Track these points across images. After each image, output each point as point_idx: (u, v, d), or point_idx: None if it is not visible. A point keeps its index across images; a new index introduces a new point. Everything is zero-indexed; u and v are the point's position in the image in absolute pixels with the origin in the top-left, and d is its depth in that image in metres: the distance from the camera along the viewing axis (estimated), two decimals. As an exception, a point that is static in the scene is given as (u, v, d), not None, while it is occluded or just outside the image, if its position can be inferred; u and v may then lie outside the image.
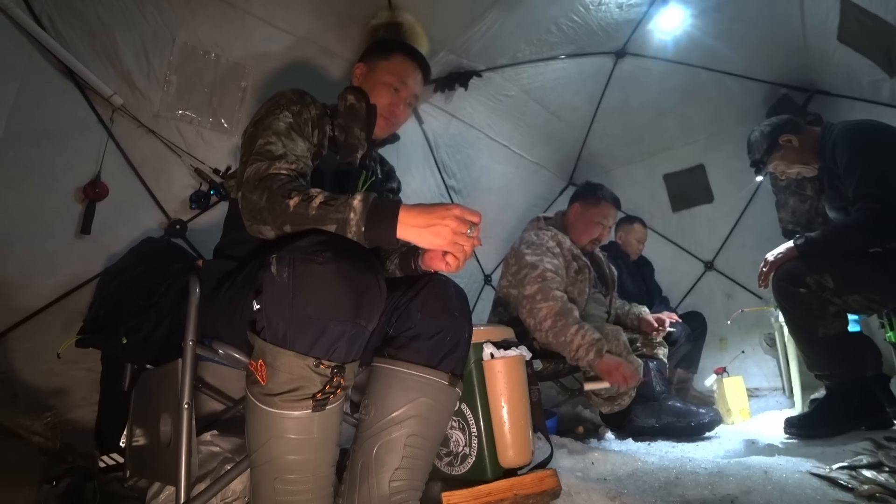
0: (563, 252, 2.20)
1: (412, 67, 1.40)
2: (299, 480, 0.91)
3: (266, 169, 1.05)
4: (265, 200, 1.00)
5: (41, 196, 1.64)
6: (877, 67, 2.09)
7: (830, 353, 1.78)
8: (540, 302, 1.97)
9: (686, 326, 2.70)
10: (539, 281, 2.02)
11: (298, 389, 0.88)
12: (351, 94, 1.35)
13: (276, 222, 0.99)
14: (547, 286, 2.00)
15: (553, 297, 1.96)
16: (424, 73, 1.43)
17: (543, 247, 2.15)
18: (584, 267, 2.25)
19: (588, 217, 2.32)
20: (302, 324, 0.88)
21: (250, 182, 1.05)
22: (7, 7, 1.47)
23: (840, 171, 1.82)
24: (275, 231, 1.01)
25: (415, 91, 1.41)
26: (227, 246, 1.28)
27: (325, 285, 0.88)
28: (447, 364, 1.10)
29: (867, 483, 1.22)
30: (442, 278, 1.18)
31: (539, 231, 2.27)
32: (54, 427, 1.34)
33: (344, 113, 1.34)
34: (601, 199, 2.34)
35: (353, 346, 0.92)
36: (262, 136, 1.12)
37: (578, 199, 2.38)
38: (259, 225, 1.02)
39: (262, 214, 1.01)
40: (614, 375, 1.88)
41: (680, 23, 2.64)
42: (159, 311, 1.12)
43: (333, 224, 0.95)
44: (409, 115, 1.46)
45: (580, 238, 2.32)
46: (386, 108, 1.36)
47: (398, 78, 1.37)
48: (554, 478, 1.21)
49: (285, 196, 0.98)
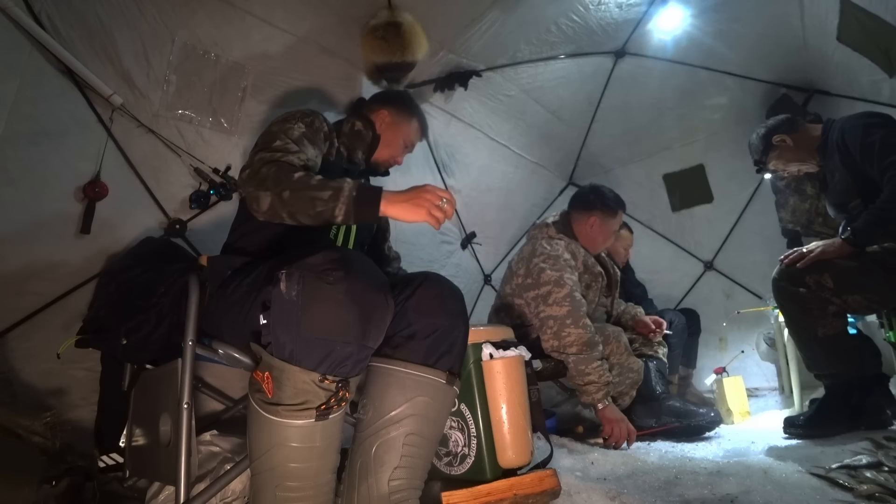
0: (577, 263, 2.19)
1: (422, 134, 1.73)
2: (301, 488, 0.91)
3: (280, 157, 1.18)
4: (273, 171, 1.12)
5: (41, 196, 1.64)
6: (876, 67, 2.09)
7: (830, 353, 1.78)
8: (570, 326, 1.95)
9: (681, 315, 2.71)
10: (568, 303, 1.98)
11: (303, 402, 0.89)
12: (359, 120, 1.58)
13: (277, 188, 1.09)
14: (577, 311, 1.98)
15: (584, 326, 1.95)
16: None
17: (561, 259, 2.12)
18: (599, 276, 2.25)
19: (608, 228, 2.31)
20: (309, 344, 0.88)
21: (262, 160, 1.15)
22: (6, 6, 1.47)
23: (856, 155, 1.78)
24: (271, 197, 1.09)
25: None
26: (238, 239, 1.32)
27: (335, 307, 0.89)
28: (444, 362, 1.10)
29: (867, 483, 1.22)
30: (437, 277, 1.18)
31: (552, 241, 2.23)
32: (54, 427, 1.33)
33: (349, 134, 1.55)
34: (618, 209, 2.33)
35: (359, 364, 0.94)
36: (279, 137, 1.23)
37: (594, 210, 2.30)
38: (259, 190, 1.10)
39: (266, 182, 1.10)
40: (613, 429, 1.87)
41: (679, 23, 2.64)
42: (159, 311, 1.12)
43: (329, 191, 1.07)
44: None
45: (596, 247, 2.32)
46: (394, 157, 1.66)
47: (412, 142, 1.70)
48: (554, 477, 1.21)
49: (292, 171, 1.12)
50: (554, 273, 2.06)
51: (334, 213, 1.08)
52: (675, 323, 2.62)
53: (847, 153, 1.83)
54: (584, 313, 1.99)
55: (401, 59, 2.11)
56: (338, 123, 1.57)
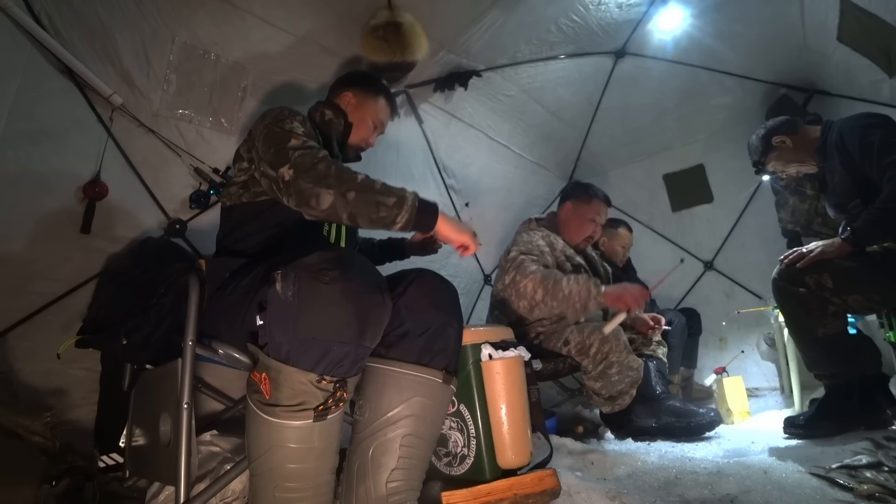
0: (555, 253, 2.20)
1: (391, 111, 1.66)
2: (299, 488, 0.91)
3: (322, 153, 1.13)
4: (334, 170, 1.08)
5: (40, 195, 1.64)
6: (876, 67, 2.09)
7: (830, 352, 1.78)
8: (521, 281, 1.99)
9: (681, 315, 2.70)
10: (515, 267, 2.05)
11: (301, 403, 0.89)
12: (329, 109, 1.51)
13: (342, 188, 1.06)
14: (523, 266, 2.03)
15: (531, 272, 1.99)
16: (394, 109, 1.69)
17: (531, 244, 2.16)
18: (580, 267, 2.25)
19: (581, 215, 2.32)
20: (305, 344, 0.88)
21: (312, 156, 1.11)
22: (6, 6, 1.47)
23: (855, 155, 1.79)
24: (334, 196, 1.06)
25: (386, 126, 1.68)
26: (234, 243, 1.29)
27: (331, 306, 0.89)
28: (439, 361, 1.10)
29: (866, 483, 1.22)
30: (429, 274, 1.17)
31: (530, 232, 2.27)
32: (54, 427, 1.33)
33: (321, 124, 1.48)
34: (592, 196, 2.34)
35: (356, 363, 0.93)
36: (293, 136, 1.18)
37: (570, 197, 2.39)
38: (319, 187, 1.06)
39: (328, 180, 1.07)
40: (624, 299, 1.89)
41: (680, 23, 2.64)
42: (159, 311, 1.12)
43: (394, 198, 1.07)
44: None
45: (573, 237, 2.32)
46: (365, 140, 1.59)
47: (382, 121, 1.62)
48: (553, 477, 1.21)
49: (350, 171, 1.10)
50: (516, 254, 2.12)
51: (395, 220, 1.08)
52: (676, 323, 2.62)
53: (846, 154, 1.83)
54: (531, 269, 2.02)
55: (401, 59, 2.12)
56: (308, 114, 1.53)
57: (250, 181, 1.29)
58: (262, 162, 1.18)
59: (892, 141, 1.72)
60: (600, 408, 2.15)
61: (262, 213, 1.27)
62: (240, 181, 1.31)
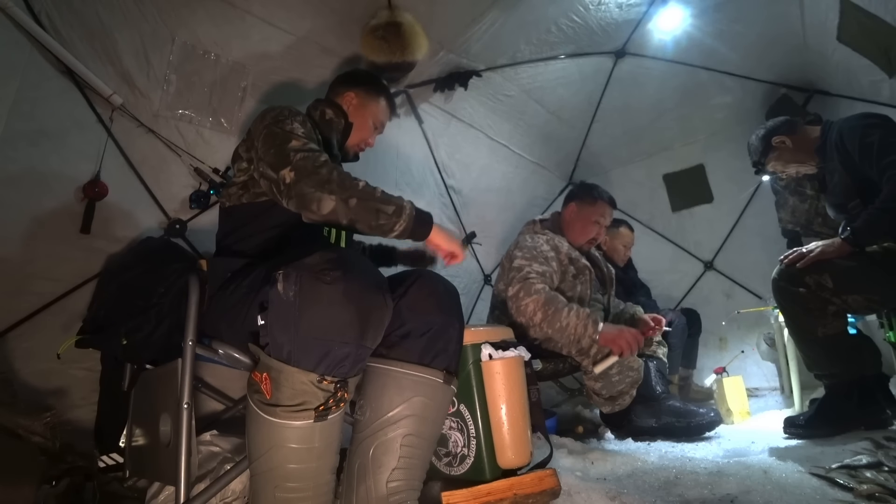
0: (559, 256, 2.19)
1: (391, 111, 1.67)
2: (300, 488, 0.91)
3: (323, 157, 1.15)
4: (336, 175, 1.10)
5: (40, 195, 1.64)
6: (876, 67, 2.09)
7: (830, 352, 1.78)
8: (524, 299, 1.97)
9: (681, 315, 2.70)
10: (521, 281, 2.02)
11: (302, 403, 0.89)
12: (329, 108, 1.51)
13: (344, 194, 1.08)
14: (529, 283, 2.00)
15: (535, 291, 1.97)
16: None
17: (536, 250, 2.14)
18: (585, 269, 2.25)
19: (585, 216, 2.32)
20: (307, 344, 0.88)
21: (314, 159, 1.12)
22: (6, 6, 1.47)
23: (855, 155, 1.79)
24: (336, 201, 1.07)
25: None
26: (234, 243, 1.29)
27: (332, 307, 0.89)
28: (440, 361, 1.10)
29: (866, 483, 1.22)
30: (430, 275, 1.18)
31: (535, 235, 2.26)
32: (54, 427, 1.33)
33: (321, 123, 1.47)
34: (597, 198, 2.33)
35: (358, 364, 0.93)
36: (294, 137, 1.18)
37: (574, 199, 2.38)
38: (322, 192, 1.08)
39: (331, 185, 1.08)
40: (618, 343, 1.88)
41: (680, 23, 2.64)
42: (159, 311, 1.12)
43: (393, 206, 1.11)
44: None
45: (577, 238, 2.32)
46: (364, 140, 1.60)
47: (382, 122, 1.63)
48: (553, 477, 1.20)
49: (352, 177, 1.12)
50: (521, 262, 2.09)
51: (394, 228, 1.11)
52: (676, 323, 2.62)
53: (846, 154, 1.83)
54: (535, 282, 2.00)
55: (401, 59, 2.12)
56: (308, 111, 1.51)
57: (250, 182, 1.29)
58: (262, 163, 1.17)
59: (892, 141, 1.72)
60: (600, 408, 2.15)
61: (262, 213, 1.27)
62: (239, 181, 1.31)
